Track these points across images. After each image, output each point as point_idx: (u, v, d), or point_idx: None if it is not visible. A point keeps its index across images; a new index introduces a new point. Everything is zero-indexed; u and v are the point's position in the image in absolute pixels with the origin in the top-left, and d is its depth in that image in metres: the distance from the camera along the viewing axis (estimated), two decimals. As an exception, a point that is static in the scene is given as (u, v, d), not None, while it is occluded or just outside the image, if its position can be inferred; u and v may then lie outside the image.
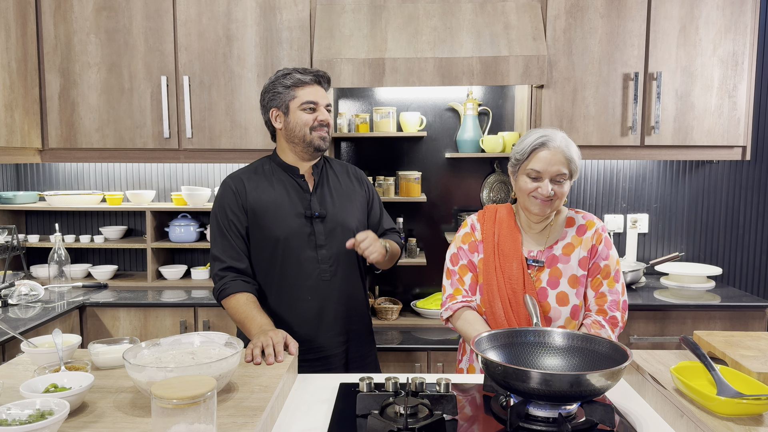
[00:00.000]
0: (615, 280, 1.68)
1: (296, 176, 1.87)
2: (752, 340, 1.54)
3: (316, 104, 1.82)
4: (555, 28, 2.67)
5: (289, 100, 1.82)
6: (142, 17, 2.75)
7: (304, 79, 1.81)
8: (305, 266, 1.82)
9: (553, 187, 1.63)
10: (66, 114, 2.80)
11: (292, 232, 1.81)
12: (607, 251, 1.69)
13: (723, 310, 2.57)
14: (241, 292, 1.75)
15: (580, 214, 1.76)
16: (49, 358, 1.41)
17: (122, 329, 2.67)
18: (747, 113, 2.69)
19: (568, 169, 1.63)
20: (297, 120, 1.82)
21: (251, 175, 1.88)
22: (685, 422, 1.21)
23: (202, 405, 1.00)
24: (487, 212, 1.81)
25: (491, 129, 3.06)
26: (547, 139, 1.63)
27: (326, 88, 1.87)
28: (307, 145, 1.83)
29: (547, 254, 1.70)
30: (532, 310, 1.57)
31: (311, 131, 1.81)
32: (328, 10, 2.70)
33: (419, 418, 1.20)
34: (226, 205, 1.83)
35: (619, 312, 1.67)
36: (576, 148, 1.67)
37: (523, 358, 1.40)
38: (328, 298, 1.83)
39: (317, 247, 1.82)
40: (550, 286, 1.68)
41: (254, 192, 1.84)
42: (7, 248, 2.89)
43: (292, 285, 1.82)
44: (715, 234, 3.14)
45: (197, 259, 3.24)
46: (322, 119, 1.82)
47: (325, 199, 1.87)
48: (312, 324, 1.83)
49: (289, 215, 1.81)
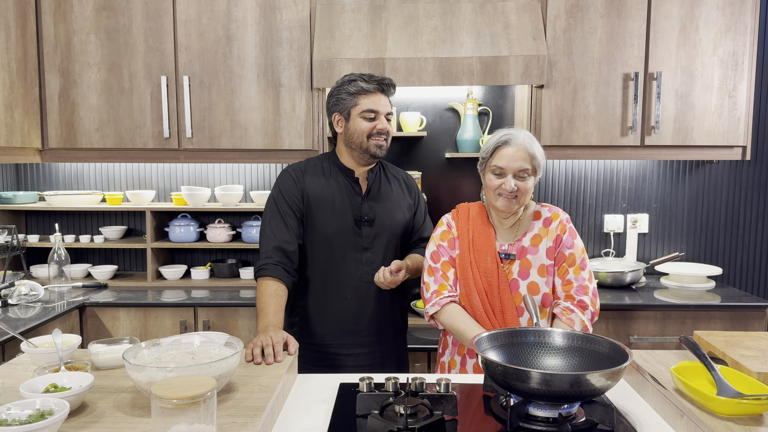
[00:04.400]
0: (581, 267, 1.74)
1: (351, 179, 1.93)
2: (752, 340, 1.54)
3: (377, 113, 1.86)
4: (555, 28, 2.67)
5: (351, 106, 1.87)
6: (142, 17, 2.75)
7: (367, 88, 1.86)
8: (349, 266, 1.89)
9: (516, 183, 1.70)
10: (66, 114, 2.80)
11: (340, 231, 1.88)
12: (572, 240, 1.75)
13: (723, 310, 2.57)
14: (276, 280, 1.78)
15: (546, 207, 1.83)
16: (49, 358, 1.41)
17: (122, 329, 2.67)
18: (747, 113, 2.69)
19: (530, 165, 1.70)
20: (356, 127, 1.87)
21: (310, 169, 1.95)
22: (685, 422, 1.21)
23: (202, 405, 1.00)
24: (460, 210, 1.88)
25: (491, 129, 3.06)
26: (510, 137, 1.71)
27: (391, 94, 1.91)
28: (363, 151, 1.88)
29: (517, 246, 1.77)
30: (532, 309, 1.57)
31: (368, 139, 1.86)
32: (328, 10, 2.70)
33: (419, 418, 1.20)
34: (285, 190, 1.90)
35: (588, 296, 1.71)
36: (539, 146, 1.74)
37: (523, 358, 1.40)
38: (367, 300, 1.91)
39: (363, 249, 1.89)
40: (521, 277, 1.74)
41: (311, 186, 1.91)
42: (7, 248, 2.89)
43: (334, 282, 1.89)
44: (715, 234, 3.14)
45: (197, 259, 3.24)
46: (381, 128, 1.86)
47: (376, 204, 1.94)
48: (348, 322, 1.90)
49: (340, 215, 1.89)
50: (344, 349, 1.91)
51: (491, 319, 1.73)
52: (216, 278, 3.07)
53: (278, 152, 2.81)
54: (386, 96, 1.90)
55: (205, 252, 3.23)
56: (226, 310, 2.66)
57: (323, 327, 1.91)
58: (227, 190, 3.00)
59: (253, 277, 2.59)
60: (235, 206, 2.98)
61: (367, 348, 1.93)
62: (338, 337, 1.91)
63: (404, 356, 2.08)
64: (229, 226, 3.02)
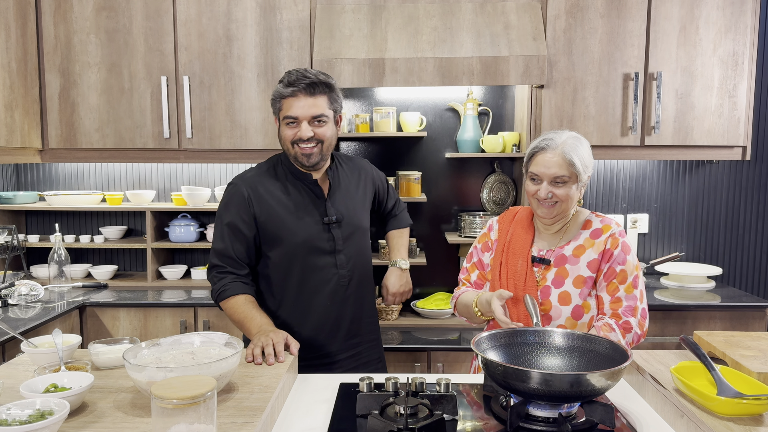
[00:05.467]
0: (633, 285, 1.64)
1: (309, 182, 1.80)
2: (752, 340, 1.54)
3: (296, 119, 1.70)
4: (555, 28, 2.67)
5: (278, 110, 1.75)
6: (142, 17, 2.75)
7: (284, 92, 1.70)
8: (325, 272, 1.80)
9: (551, 190, 1.63)
10: (66, 114, 2.80)
11: (310, 238, 1.77)
12: (624, 256, 1.65)
13: (723, 310, 2.57)
14: (240, 294, 1.73)
15: (599, 218, 1.73)
16: (49, 358, 1.41)
17: (122, 329, 2.67)
18: (747, 113, 2.69)
19: (567, 172, 1.62)
20: (282, 134, 1.76)
21: (264, 179, 1.80)
22: (685, 422, 1.21)
23: (202, 405, 1.00)
24: (507, 213, 1.86)
25: (491, 129, 3.06)
26: (548, 142, 1.64)
27: (323, 92, 1.71)
28: (293, 159, 1.76)
29: (557, 254, 1.70)
30: (532, 310, 1.57)
31: (293, 146, 1.73)
32: (328, 10, 2.70)
33: (419, 418, 1.20)
34: (234, 210, 1.76)
35: (635, 318, 1.62)
36: (584, 149, 1.65)
37: (523, 358, 1.40)
38: (345, 302, 1.83)
39: (336, 252, 1.81)
40: (554, 285, 1.68)
41: (267, 198, 1.77)
42: (7, 248, 2.89)
43: (311, 291, 1.80)
44: (715, 234, 3.14)
45: (197, 259, 3.24)
46: (301, 135, 1.70)
47: (340, 203, 1.84)
48: (329, 328, 1.82)
49: (306, 222, 1.77)
50: (329, 359, 1.83)
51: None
52: (216, 278, 3.06)
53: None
54: (311, 96, 1.68)
55: (205, 252, 3.22)
56: (226, 310, 2.66)
57: (306, 337, 1.80)
58: (227, 190, 3.00)
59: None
60: (235, 206, 2.97)
61: (351, 351, 1.87)
62: (323, 346, 1.82)
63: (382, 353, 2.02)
64: (229, 226, 3.02)
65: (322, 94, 1.71)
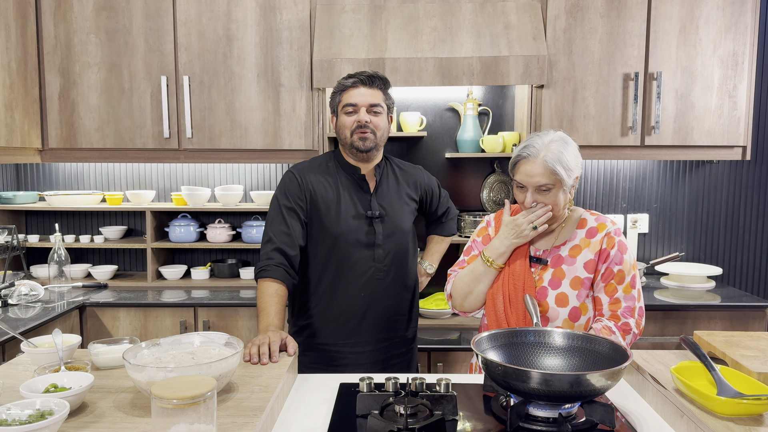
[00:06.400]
0: (631, 285, 1.63)
1: (357, 176, 1.93)
2: (752, 340, 1.54)
3: (355, 105, 1.86)
4: (555, 28, 2.67)
5: (337, 104, 1.91)
6: (142, 17, 2.75)
7: (346, 84, 1.88)
8: (361, 264, 1.90)
9: (537, 197, 1.63)
10: (66, 114, 2.80)
11: (351, 230, 1.88)
12: (621, 255, 1.64)
13: (723, 310, 2.57)
14: (277, 281, 1.77)
15: (594, 216, 1.73)
16: (49, 358, 1.41)
17: (122, 329, 2.67)
18: (747, 113, 2.69)
19: (551, 180, 1.60)
20: (341, 123, 1.90)
21: (316, 170, 1.94)
22: (685, 422, 1.21)
23: (202, 405, 1.00)
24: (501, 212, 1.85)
25: (491, 129, 3.06)
26: (529, 150, 1.62)
27: (377, 86, 1.88)
28: (350, 147, 1.89)
29: (554, 254, 1.70)
30: (532, 310, 1.57)
31: (352, 134, 1.87)
32: (328, 10, 2.70)
33: (419, 419, 1.20)
34: (289, 191, 1.89)
35: (634, 319, 1.62)
36: (569, 153, 1.61)
37: (523, 358, 1.40)
38: (379, 296, 1.92)
39: (375, 246, 1.90)
40: (551, 286, 1.67)
41: (317, 186, 1.90)
42: (7, 248, 2.89)
43: (346, 281, 1.90)
44: (715, 234, 3.14)
45: (197, 259, 3.24)
46: (359, 120, 1.85)
47: (385, 200, 1.94)
48: (359, 319, 1.91)
49: (349, 214, 1.89)
50: (358, 348, 1.92)
51: (510, 324, 1.66)
52: (216, 278, 3.07)
53: (278, 152, 2.81)
54: (369, 88, 1.87)
55: (205, 252, 3.23)
56: (226, 310, 2.66)
57: (336, 327, 1.91)
58: (227, 190, 3.00)
59: (253, 278, 2.60)
60: (235, 206, 2.98)
61: (378, 345, 1.94)
62: (351, 336, 1.91)
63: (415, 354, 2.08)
64: (229, 226, 3.02)
65: (378, 88, 1.89)
